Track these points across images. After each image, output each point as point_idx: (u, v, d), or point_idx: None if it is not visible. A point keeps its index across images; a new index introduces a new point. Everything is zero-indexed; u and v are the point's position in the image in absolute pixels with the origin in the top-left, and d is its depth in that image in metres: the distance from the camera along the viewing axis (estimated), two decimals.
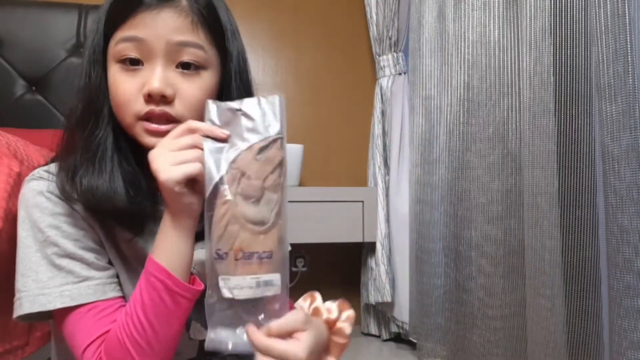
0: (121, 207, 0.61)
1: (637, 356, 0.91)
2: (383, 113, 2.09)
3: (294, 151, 1.91)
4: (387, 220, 2.00)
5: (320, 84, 2.24)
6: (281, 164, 0.59)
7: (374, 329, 2.09)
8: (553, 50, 1.18)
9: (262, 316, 0.56)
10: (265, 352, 0.55)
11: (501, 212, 1.38)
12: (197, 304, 0.68)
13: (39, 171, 0.65)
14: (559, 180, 1.15)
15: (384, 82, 2.09)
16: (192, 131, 0.56)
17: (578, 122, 1.14)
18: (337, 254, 2.16)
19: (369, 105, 2.19)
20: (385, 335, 2.04)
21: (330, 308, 0.69)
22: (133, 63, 0.61)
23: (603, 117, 0.99)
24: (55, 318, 0.63)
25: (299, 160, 1.93)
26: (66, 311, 0.60)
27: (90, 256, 0.62)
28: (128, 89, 0.61)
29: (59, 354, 0.70)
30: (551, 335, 1.15)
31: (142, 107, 0.61)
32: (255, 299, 0.55)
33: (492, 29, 1.42)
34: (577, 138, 1.14)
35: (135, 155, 0.65)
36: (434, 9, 1.71)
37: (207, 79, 0.64)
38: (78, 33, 1.91)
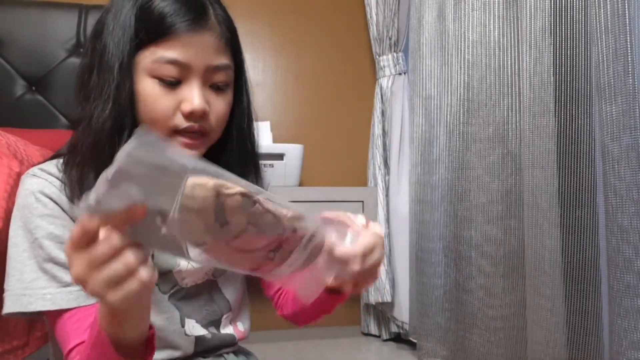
0: None
1: (637, 356, 0.91)
2: (383, 113, 2.09)
3: (294, 151, 1.91)
4: (387, 220, 2.00)
5: (320, 84, 2.24)
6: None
7: (374, 329, 2.09)
8: (553, 50, 1.18)
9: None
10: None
11: (501, 212, 1.38)
12: (190, 301, 0.70)
13: (34, 169, 0.65)
14: (559, 180, 1.15)
15: (384, 82, 2.09)
16: (87, 231, 0.43)
17: (578, 122, 1.14)
18: None
19: (369, 105, 2.19)
20: (385, 335, 2.04)
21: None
22: (173, 84, 0.62)
23: (603, 117, 0.99)
24: (47, 318, 0.63)
25: (299, 160, 1.93)
26: (52, 314, 0.60)
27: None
28: (166, 105, 0.62)
29: (55, 353, 0.71)
30: (551, 335, 1.15)
31: (181, 123, 0.63)
32: None
33: (492, 29, 1.43)
34: (577, 138, 1.14)
35: None
36: (434, 9, 1.71)
37: (230, 94, 0.68)
38: (78, 33, 1.91)
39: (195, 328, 0.71)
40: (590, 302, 1.11)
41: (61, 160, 0.65)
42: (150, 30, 0.61)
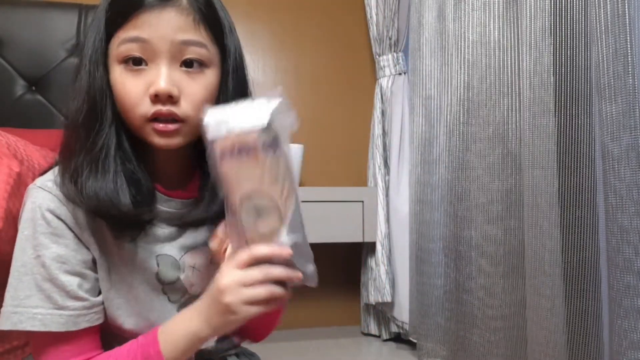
0: (125, 211, 0.60)
1: (637, 356, 0.91)
2: (383, 113, 2.09)
3: (294, 151, 1.91)
4: (387, 220, 2.00)
5: (320, 84, 2.24)
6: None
7: (374, 329, 2.09)
8: (553, 50, 1.18)
9: None
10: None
11: (501, 212, 1.38)
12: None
13: (45, 181, 0.63)
14: (559, 180, 1.15)
15: (384, 82, 2.09)
16: (257, 260, 0.56)
17: (578, 122, 1.14)
18: (337, 254, 2.16)
19: (369, 105, 2.19)
20: (385, 335, 2.04)
21: None
22: (136, 63, 0.60)
23: (603, 117, 0.99)
24: (31, 336, 0.62)
25: (299, 160, 1.93)
26: (38, 334, 0.60)
27: (73, 282, 0.61)
28: (134, 91, 0.60)
29: None
30: (551, 335, 1.15)
31: (149, 108, 0.60)
32: None
33: (492, 29, 1.42)
34: (577, 138, 1.14)
35: (135, 152, 0.64)
36: (434, 9, 1.71)
37: (210, 77, 0.64)
38: (78, 33, 1.91)
39: None
40: (590, 302, 1.11)
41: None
42: (117, 17, 0.60)
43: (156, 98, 0.60)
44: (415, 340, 1.81)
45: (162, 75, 0.59)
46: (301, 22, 2.23)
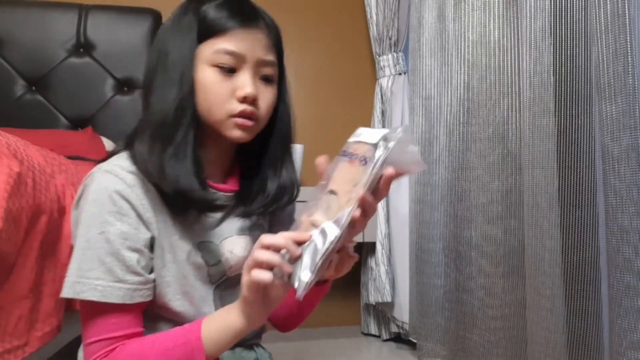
0: (197, 194, 0.71)
1: (637, 356, 0.91)
2: (383, 113, 2.09)
3: (294, 151, 1.90)
4: (387, 220, 2.00)
5: (320, 84, 2.24)
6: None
7: (374, 329, 2.09)
8: (553, 50, 1.17)
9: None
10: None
11: (501, 212, 1.38)
12: (232, 291, 0.80)
13: (107, 165, 0.71)
14: (559, 180, 1.15)
15: (384, 82, 2.09)
16: (266, 247, 0.61)
17: (578, 122, 1.14)
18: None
19: (369, 105, 2.19)
20: (385, 335, 2.04)
21: None
22: (229, 71, 0.73)
23: (603, 117, 0.99)
24: (83, 305, 0.69)
25: (299, 160, 1.93)
26: (95, 304, 0.66)
27: (133, 257, 0.68)
28: (224, 92, 0.72)
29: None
30: (551, 335, 1.15)
31: (236, 107, 0.72)
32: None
33: (492, 29, 1.42)
34: (577, 138, 1.14)
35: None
36: (434, 9, 1.71)
37: (274, 90, 0.78)
38: (78, 33, 1.91)
39: None
40: (590, 302, 1.11)
41: (129, 153, 0.73)
42: (211, 27, 0.72)
43: (244, 99, 0.72)
44: (415, 340, 1.81)
45: (250, 82, 0.73)
46: (301, 22, 2.23)
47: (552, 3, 1.17)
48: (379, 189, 0.62)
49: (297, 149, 1.92)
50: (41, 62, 1.88)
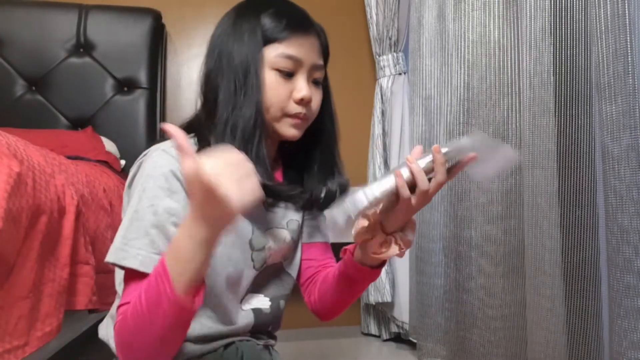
0: (275, 187, 0.77)
1: (637, 356, 0.91)
2: (383, 113, 2.09)
3: None
4: None
5: None
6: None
7: (374, 329, 2.09)
8: (553, 50, 1.18)
9: None
10: None
11: (501, 212, 1.38)
12: (266, 279, 0.84)
13: (168, 147, 0.73)
14: (559, 180, 1.15)
15: (384, 82, 2.09)
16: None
17: (578, 122, 1.14)
18: (337, 253, 2.15)
19: (369, 105, 2.19)
20: (385, 335, 2.04)
21: None
22: (288, 74, 0.78)
23: (603, 117, 0.99)
24: (126, 273, 0.70)
25: None
26: (134, 272, 0.67)
27: (176, 232, 0.67)
28: (284, 93, 0.78)
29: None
30: (551, 335, 1.15)
31: (293, 108, 0.78)
32: None
33: (492, 29, 1.42)
34: (577, 138, 1.14)
35: None
36: (434, 9, 1.71)
37: (321, 92, 0.84)
38: (78, 33, 1.91)
39: (260, 301, 0.84)
40: (590, 302, 1.11)
41: (192, 140, 0.77)
42: (273, 33, 0.77)
43: (301, 101, 0.78)
44: (415, 340, 1.81)
45: (307, 87, 0.78)
46: None
47: (552, 3, 1.17)
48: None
49: None
50: (41, 62, 1.88)
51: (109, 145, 1.77)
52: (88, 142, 1.70)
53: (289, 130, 0.79)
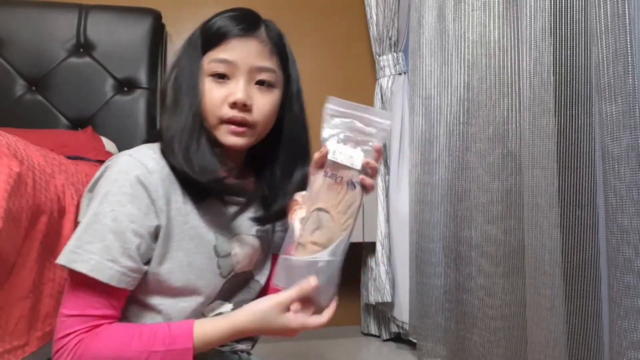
0: (219, 178, 0.76)
1: (637, 356, 0.91)
2: None
3: None
4: (387, 220, 2.00)
5: (320, 84, 2.24)
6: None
7: (374, 329, 2.09)
8: (553, 50, 1.18)
9: None
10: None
11: (501, 212, 1.38)
12: (235, 287, 0.83)
13: (135, 152, 0.73)
14: (559, 180, 1.15)
15: (384, 82, 2.09)
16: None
17: (578, 122, 1.14)
18: None
19: (369, 106, 2.19)
20: (385, 335, 2.04)
21: None
22: (221, 77, 0.76)
23: (603, 117, 0.99)
24: (71, 274, 0.69)
25: None
26: (83, 276, 0.66)
27: (134, 241, 0.69)
28: (216, 97, 0.76)
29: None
30: (551, 335, 1.15)
31: (226, 112, 0.76)
32: None
33: (492, 29, 1.42)
34: (577, 138, 1.14)
35: None
36: (434, 9, 1.71)
37: (276, 95, 0.81)
38: (78, 33, 1.91)
39: (226, 308, 0.82)
40: (590, 302, 1.11)
41: (157, 145, 0.77)
42: (210, 40, 0.77)
43: (234, 105, 0.76)
44: (415, 340, 1.81)
45: (241, 88, 0.76)
46: (301, 22, 2.23)
47: (552, 3, 1.17)
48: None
49: None
50: (41, 62, 1.87)
51: (109, 145, 1.77)
52: (88, 142, 1.70)
53: (228, 138, 0.77)
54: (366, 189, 0.71)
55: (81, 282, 0.67)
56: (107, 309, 0.69)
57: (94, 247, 0.67)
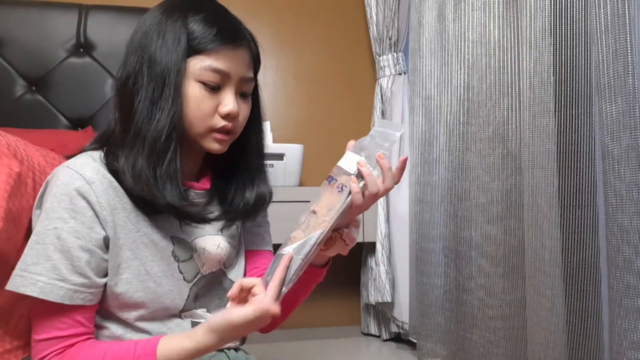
0: (184, 207, 0.73)
1: (637, 356, 0.91)
2: (383, 113, 2.09)
3: (294, 151, 1.91)
4: (387, 220, 2.00)
5: (320, 84, 2.24)
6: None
7: (374, 329, 2.09)
8: (553, 50, 1.18)
9: None
10: None
11: (501, 212, 1.38)
12: (206, 289, 0.79)
13: (74, 163, 0.70)
14: (559, 180, 1.15)
15: (384, 82, 2.09)
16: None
17: (578, 122, 1.14)
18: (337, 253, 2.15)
19: (369, 105, 2.19)
20: (385, 335, 2.04)
21: None
22: (213, 88, 0.74)
23: (603, 117, 0.99)
24: (32, 302, 0.67)
25: (299, 160, 1.93)
26: (38, 300, 0.65)
27: (83, 257, 0.67)
28: (208, 107, 0.74)
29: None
30: (551, 335, 1.15)
31: (218, 122, 0.75)
32: None
33: (492, 29, 1.42)
34: (577, 138, 1.14)
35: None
36: (434, 9, 1.71)
37: (250, 103, 0.81)
38: (78, 33, 1.91)
39: (201, 316, 0.80)
40: (590, 302, 1.11)
41: (99, 154, 0.73)
42: (199, 44, 0.72)
43: (227, 116, 0.75)
44: (415, 340, 1.81)
45: (234, 100, 0.75)
46: (301, 23, 2.23)
47: (552, 3, 1.17)
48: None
49: (297, 149, 1.92)
50: (41, 62, 1.87)
51: None
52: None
53: (213, 145, 0.76)
54: (351, 193, 0.70)
55: (43, 306, 0.66)
56: (75, 328, 0.67)
57: (40, 268, 0.65)
